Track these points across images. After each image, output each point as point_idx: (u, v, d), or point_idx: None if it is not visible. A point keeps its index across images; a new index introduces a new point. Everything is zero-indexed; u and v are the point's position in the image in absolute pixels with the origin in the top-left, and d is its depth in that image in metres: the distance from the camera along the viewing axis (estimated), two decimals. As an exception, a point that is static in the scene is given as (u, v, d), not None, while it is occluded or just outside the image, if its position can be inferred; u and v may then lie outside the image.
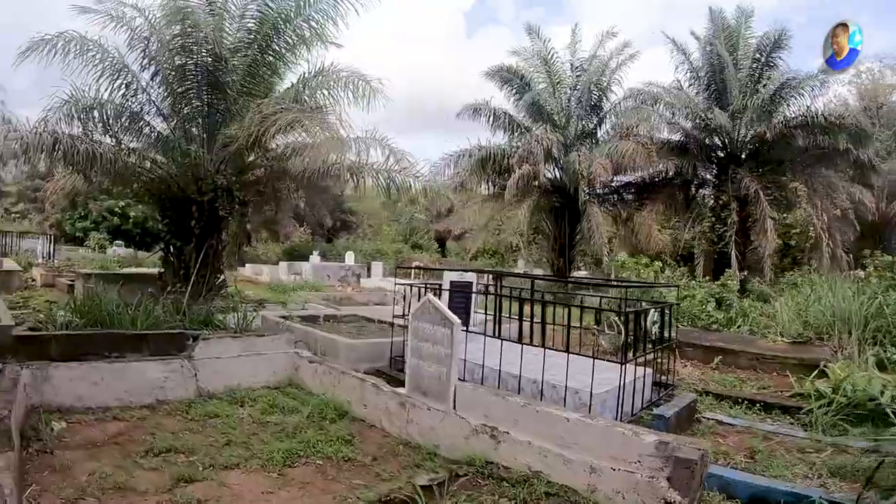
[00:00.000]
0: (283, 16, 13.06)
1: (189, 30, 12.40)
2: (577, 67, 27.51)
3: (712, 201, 27.40)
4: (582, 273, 31.52)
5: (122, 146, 13.18)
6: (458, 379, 6.54)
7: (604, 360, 7.73)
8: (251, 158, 14.13)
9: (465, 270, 12.46)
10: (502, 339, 8.44)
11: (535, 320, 8.95)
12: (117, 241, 42.04)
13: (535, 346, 8.25)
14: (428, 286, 9.73)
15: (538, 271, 30.09)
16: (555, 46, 27.98)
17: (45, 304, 14.23)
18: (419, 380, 6.68)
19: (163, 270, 14.23)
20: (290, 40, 13.40)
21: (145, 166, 13.72)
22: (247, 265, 32.87)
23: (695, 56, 27.77)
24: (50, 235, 28.01)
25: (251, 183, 14.49)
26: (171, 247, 13.80)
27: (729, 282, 17.60)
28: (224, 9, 13.18)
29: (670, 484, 4.56)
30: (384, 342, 10.02)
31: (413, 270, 32.20)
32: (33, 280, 19.83)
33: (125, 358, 7.70)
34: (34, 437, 5.75)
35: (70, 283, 17.66)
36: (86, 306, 9.15)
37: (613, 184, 27.87)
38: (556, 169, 26.60)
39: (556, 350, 7.60)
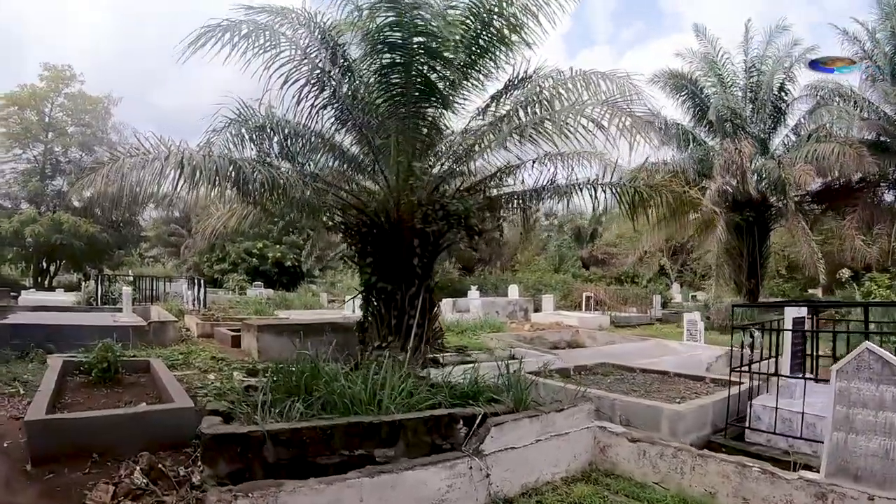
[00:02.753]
0: (494, 8, 10.06)
1: (404, 19, 9.48)
2: (750, 68, 25.00)
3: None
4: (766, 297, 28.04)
5: (307, 170, 10.84)
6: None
7: None
8: (471, 179, 11.58)
9: (793, 303, 9.43)
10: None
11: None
12: (256, 282, 41.28)
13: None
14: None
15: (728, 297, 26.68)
16: (724, 47, 25.71)
17: (213, 364, 11.93)
18: (848, 459, 5.08)
19: (365, 320, 11.45)
20: (495, 39, 10.40)
21: (339, 194, 11.21)
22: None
23: (867, 46, 24.54)
24: (197, 279, 26.02)
25: (481, 208, 11.54)
26: (377, 291, 11.01)
27: None
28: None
29: None
30: (709, 404, 8.03)
31: (584, 302, 29.70)
32: (188, 330, 17.71)
33: (388, 464, 5.02)
34: None
35: (233, 333, 15.39)
36: (289, 376, 6.48)
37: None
38: (743, 180, 23.22)
39: None
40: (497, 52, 10.23)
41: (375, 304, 10.88)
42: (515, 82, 10.66)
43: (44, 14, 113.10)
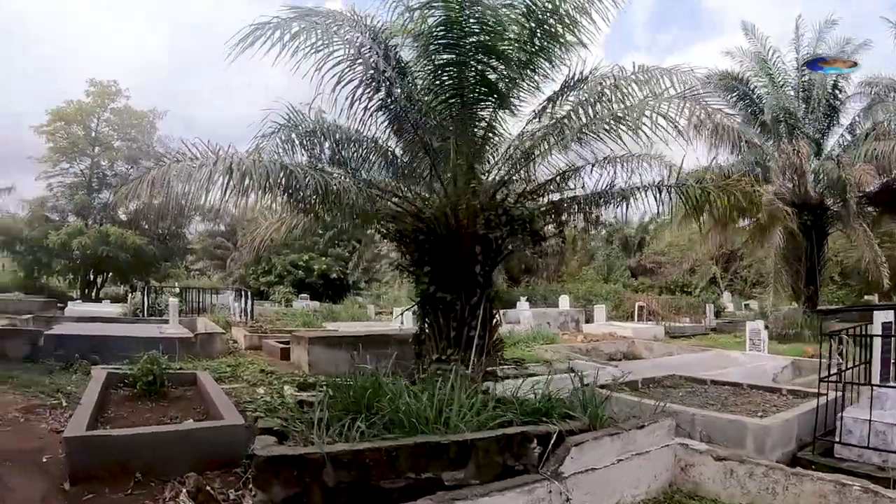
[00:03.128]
0: (548, 4, 9.36)
1: (459, 17, 8.85)
2: (802, 65, 24.17)
3: None
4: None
5: (360, 176, 10.38)
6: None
7: None
8: (532, 184, 11.01)
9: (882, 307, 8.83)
10: None
11: None
12: (302, 294, 41.24)
13: None
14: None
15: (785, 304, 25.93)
16: (774, 45, 25.06)
17: (262, 377, 11.64)
18: None
19: (421, 332, 10.87)
20: (549, 37, 9.82)
21: (393, 200, 10.73)
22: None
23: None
24: (244, 290, 25.82)
25: (544, 212, 10.98)
26: (435, 301, 10.34)
27: None
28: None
29: None
30: (793, 418, 7.51)
31: (637, 312, 29.03)
32: (235, 342, 17.44)
33: (459, 488, 4.59)
34: None
35: (282, 345, 15.07)
36: (347, 392, 6.04)
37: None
38: (801, 182, 22.47)
39: None
40: (552, 51, 9.59)
41: (433, 314, 10.32)
42: (571, 83, 10.08)
43: (86, 30, 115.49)
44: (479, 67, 9.32)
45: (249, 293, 25.15)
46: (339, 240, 42.94)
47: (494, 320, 10.58)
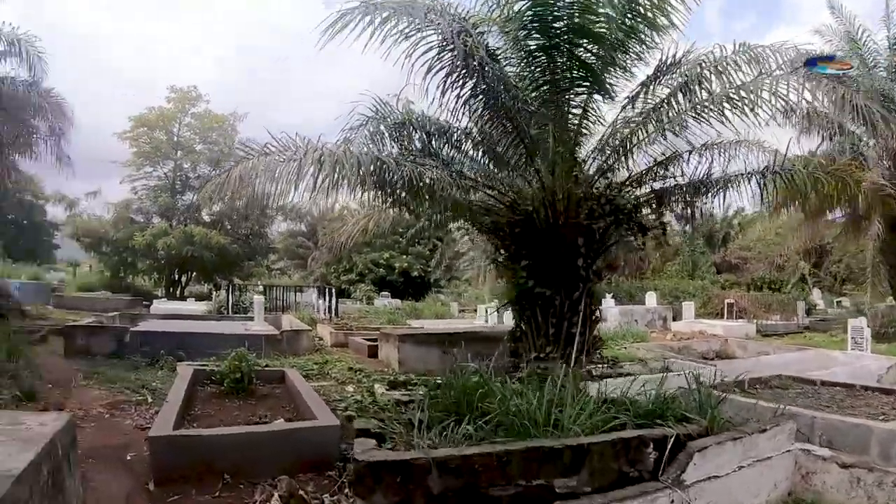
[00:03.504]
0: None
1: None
2: (894, 44, 22.71)
3: None
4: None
5: (453, 168, 10.02)
6: None
7: None
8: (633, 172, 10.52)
9: None
10: None
11: None
12: (383, 292, 41.41)
13: None
14: None
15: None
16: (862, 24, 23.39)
17: (351, 375, 11.47)
18: None
19: (517, 328, 10.28)
20: (640, 18, 9.25)
21: (487, 192, 10.55)
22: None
23: None
24: (329, 288, 25.86)
25: (646, 202, 10.54)
26: (533, 296, 9.73)
27: None
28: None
29: None
30: None
31: (726, 309, 28.14)
32: (321, 339, 17.38)
33: (575, 498, 4.27)
34: None
35: (369, 343, 14.96)
36: (447, 391, 5.75)
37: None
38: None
39: None
40: (642, 33, 9.00)
41: (530, 310, 9.82)
42: (665, 67, 9.47)
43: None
44: (572, 50, 8.84)
45: (334, 290, 25.15)
46: (420, 238, 43.15)
47: (594, 316, 10.07)
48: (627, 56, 9.28)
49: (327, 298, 23.60)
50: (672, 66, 9.52)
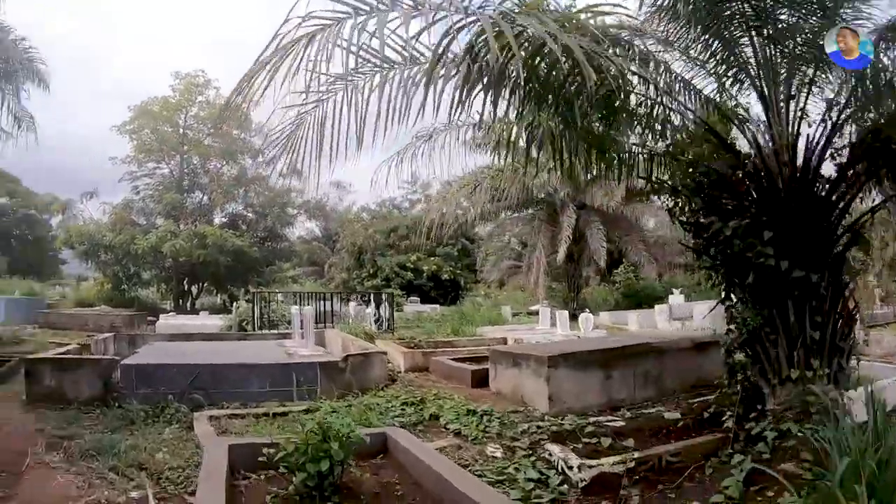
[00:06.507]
0: None
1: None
2: None
3: None
4: None
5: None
6: None
7: None
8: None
9: None
10: None
11: None
12: (411, 297, 38.14)
13: None
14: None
15: None
16: None
17: (478, 424, 7.13)
18: None
19: (748, 335, 6.99)
20: None
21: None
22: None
23: None
24: (380, 294, 21.14)
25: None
26: (779, 285, 6.67)
27: None
28: None
29: None
30: None
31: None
32: (389, 363, 12.59)
33: None
34: None
35: (471, 367, 10.26)
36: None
37: None
38: None
39: None
40: None
41: (769, 306, 6.81)
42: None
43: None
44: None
45: (393, 296, 20.53)
46: (447, 240, 38.45)
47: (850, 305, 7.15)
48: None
49: (377, 306, 18.99)
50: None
